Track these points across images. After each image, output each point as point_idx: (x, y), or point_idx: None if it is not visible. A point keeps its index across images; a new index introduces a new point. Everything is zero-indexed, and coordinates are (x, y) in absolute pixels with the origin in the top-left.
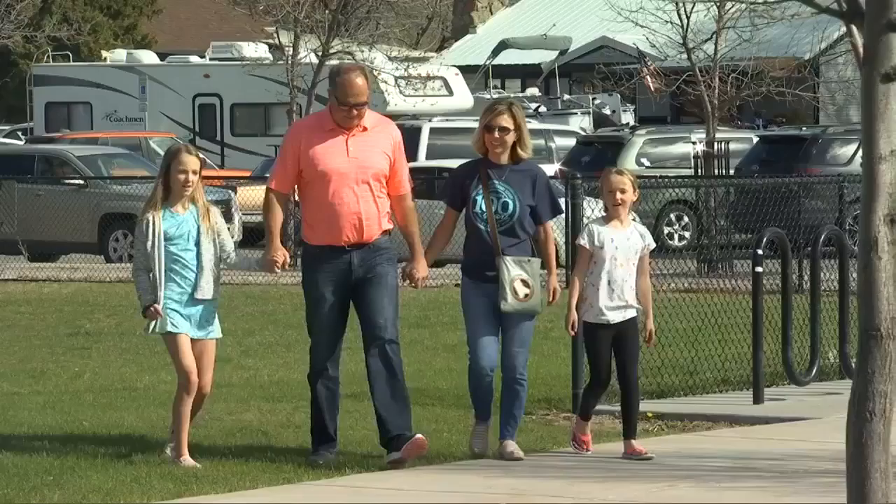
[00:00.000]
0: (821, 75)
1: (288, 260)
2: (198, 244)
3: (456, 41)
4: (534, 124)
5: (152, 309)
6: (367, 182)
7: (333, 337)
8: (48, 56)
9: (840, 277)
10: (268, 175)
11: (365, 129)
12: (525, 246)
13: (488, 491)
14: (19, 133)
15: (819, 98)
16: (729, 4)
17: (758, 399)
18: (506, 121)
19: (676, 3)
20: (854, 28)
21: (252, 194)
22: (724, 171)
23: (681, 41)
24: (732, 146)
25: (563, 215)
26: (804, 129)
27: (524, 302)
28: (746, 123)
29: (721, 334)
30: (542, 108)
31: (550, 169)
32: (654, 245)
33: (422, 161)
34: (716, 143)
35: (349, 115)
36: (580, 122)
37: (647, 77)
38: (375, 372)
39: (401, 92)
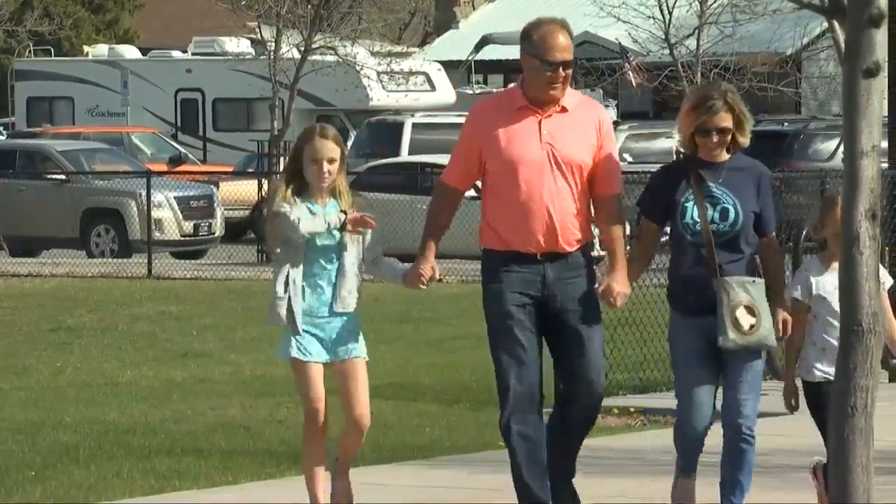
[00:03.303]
0: (803, 71)
1: (437, 275)
2: (339, 245)
3: (438, 36)
4: None
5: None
6: (564, 174)
7: (529, 368)
8: (30, 51)
9: None
10: (251, 170)
11: (564, 109)
12: (749, 264)
13: (471, 486)
14: (0, 128)
15: (801, 93)
16: (711, 0)
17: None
18: (724, 119)
19: None
20: (836, 23)
21: (234, 189)
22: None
23: (663, 37)
24: None
25: None
26: (786, 124)
27: (750, 335)
28: None
29: None
30: None
31: None
32: (891, 281)
33: (404, 156)
34: None
35: (553, 78)
36: None
37: (630, 72)
38: (566, 428)
39: (383, 87)
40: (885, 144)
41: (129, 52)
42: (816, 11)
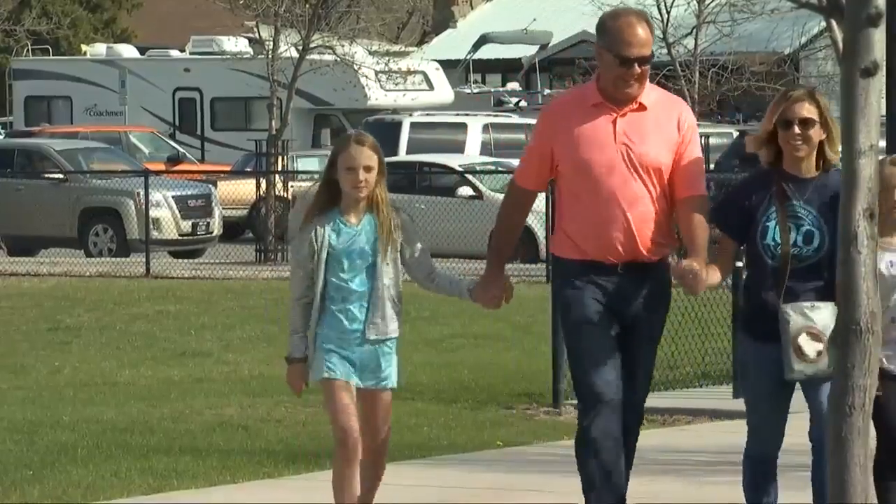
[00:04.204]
0: (801, 70)
1: (512, 293)
2: (373, 266)
3: (436, 36)
4: (514, 119)
5: (295, 367)
6: (642, 177)
7: (613, 373)
8: (28, 50)
9: None
10: (249, 169)
11: (643, 106)
12: (832, 292)
13: (469, 486)
14: None
15: None
16: None
17: (738, 393)
18: (808, 110)
19: None
20: (834, 23)
21: (232, 189)
22: (704, 166)
23: (661, 36)
24: (713, 141)
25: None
26: None
27: (817, 362)
28: (726, 118)
29: (701, 329)
30: (523, 103)
31: None
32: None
33: (402, 155)
34: None
35: (628, 74)
36: None
37: None
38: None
39: (381, 86)
40: (882, 143)
41: (128, 51)
42: (815, 11)
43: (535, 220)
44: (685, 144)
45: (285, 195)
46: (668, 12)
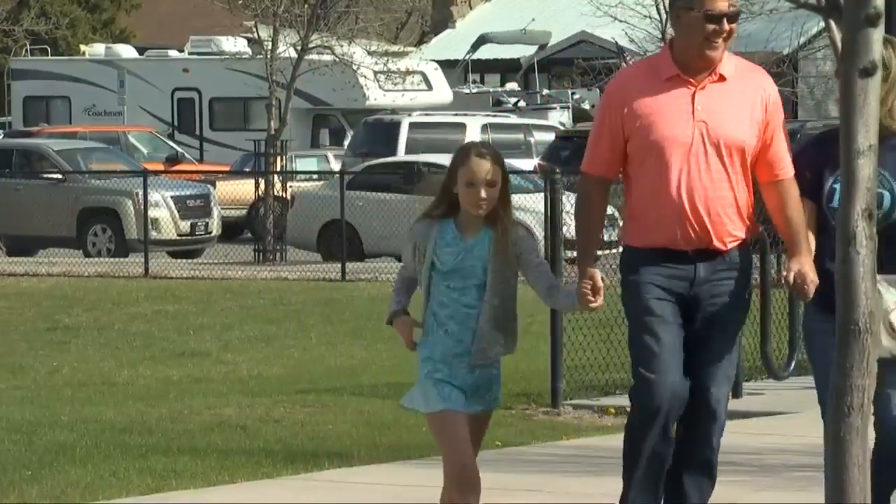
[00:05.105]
0: (799, 70)
1: (601, 285)
2: (484, 284)
3: (435, 36)
4: (513, 119)
5: (401, 321)
6: (721, 158)
7: (669, 368)
8: (26, 50)
9: None
10: (248, 169)
11: (722, 77)
12: None
13: None
14: None
15: (798, 93)
16: None
17: (736, 393)
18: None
19: None
20: (832, 23)
21: (231, 189)
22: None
23: (660, 36)
24: None
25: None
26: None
27: None
28: None
29: None
30: (522, 103)
31: (529, 164)
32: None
33: (401, 156)
34: None
35: (715, 33)
36: (559, 117)
37: None
38: (684, 453)
39: (380, 86)
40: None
41: (126, 51)
42: (813, 11)
43: (534, 220)
44: (770, 121)
45: (284, 195)
46: (667, 12)
